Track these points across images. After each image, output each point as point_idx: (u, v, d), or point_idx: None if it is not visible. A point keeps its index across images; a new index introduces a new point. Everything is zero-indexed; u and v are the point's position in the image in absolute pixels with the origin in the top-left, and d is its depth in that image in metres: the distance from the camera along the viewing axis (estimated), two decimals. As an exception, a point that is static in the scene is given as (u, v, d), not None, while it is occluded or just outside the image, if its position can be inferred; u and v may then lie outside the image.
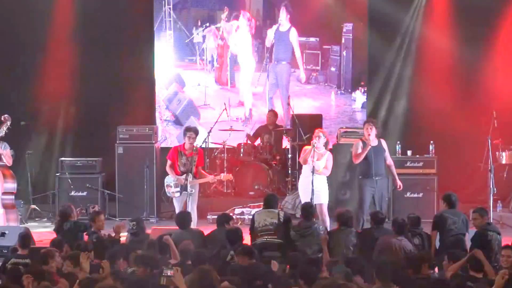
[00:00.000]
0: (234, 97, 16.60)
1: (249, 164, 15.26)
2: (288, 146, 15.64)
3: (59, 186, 14.86)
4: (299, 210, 12.38)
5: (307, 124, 15.10)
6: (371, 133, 12.29)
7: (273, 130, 15.67)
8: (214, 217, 13.54)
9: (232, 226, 10.59)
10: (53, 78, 15.90)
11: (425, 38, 16.04)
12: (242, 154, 15.38)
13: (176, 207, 12.45)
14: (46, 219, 14.75)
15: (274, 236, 10.55)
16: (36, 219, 14.84)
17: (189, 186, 12.36)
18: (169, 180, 12.52)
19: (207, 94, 16.64)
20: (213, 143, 15.53)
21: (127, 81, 16.11)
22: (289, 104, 15.79)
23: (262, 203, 11.74)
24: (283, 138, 15.84)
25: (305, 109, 16.33)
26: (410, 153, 14.75)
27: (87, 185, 14.84)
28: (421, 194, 14.48)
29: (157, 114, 16.56)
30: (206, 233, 10.67)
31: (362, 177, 12.44)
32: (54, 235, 10.78)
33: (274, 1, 16.55)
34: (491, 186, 13.22)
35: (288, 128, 15.70)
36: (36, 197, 15.14)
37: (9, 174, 13.12)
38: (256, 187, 15.13)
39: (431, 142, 14.71)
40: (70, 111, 16.18)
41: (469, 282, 8.16)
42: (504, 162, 14.70)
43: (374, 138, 12.36)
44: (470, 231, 10.62)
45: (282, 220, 10.67)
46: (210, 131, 15.40)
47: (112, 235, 10.51)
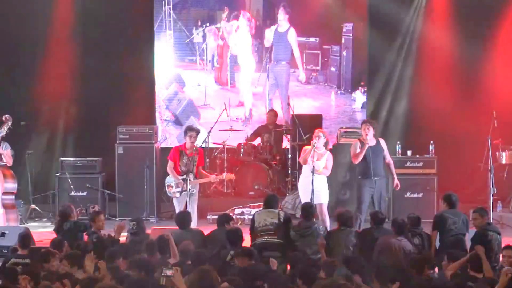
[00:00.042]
0: (234, 97, 16.59)
1: (249, 164, 15.26)
2: (288, 146, 15.64)
3: (59, 186, 14.86)
4: (299, 210, 12.38)
5: (307, 124, 15.09)
6: (369, 133, 12.33)
7: (273, 130, 15.67)
8: (214, 217, 13.55)
9: (232, 226, 10.58)
10: (53, 78, 15.90)
11: (425, 38, 16.03)
12: (242, 154, 15.38)
13: (176, 207, 12.44)
14: (46, 219, 14.75)
15: (274, 236, 10.54)
16: (36, 219, 14.84)
17: (190, 186, 12.37)
18: (170, 180, 12.51)
19: (207, 94, 16.63)
20: (213, 143, 15.53)
21: (127, 81, 16.11)
22: (289, 104, 15.79)
23: (262, 203, 11.74)
24: (283, 138, 15.84)
25: (305, 109, 16.32)
26: (410, 153, 14.75)
27: (87, 185, 14.84)
28: (421, 194, 14.48)
29: (157, 114, 16.55)
30: (206, 233, 10.67)
31: (361, 177, 12.46)
32: (54, 235, 10.77)
33: (274, 1, 16.54)
34: (491, 186, 13.22)
35: (289, 128, 15.70)
36: (36, 197, 15.14)
37: (9, 174, 13.13)
38: (256, 187, 15.13)
39: (431, 142, 14.70)
40: (70, 111, 16.17)
41: (469, 282, 8.16)
42: (504, 162, 14.69)
43: (372, 138, 12.39)
44: (470, 231, 10.61)
45: (282, 220, 10.66)
46: (210, 131, 15.40)
47: (112, 235, 10.51)
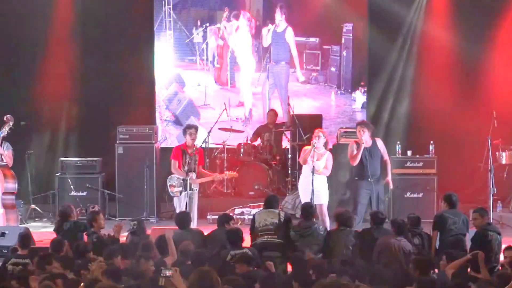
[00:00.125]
0: (234, 97, 16.59)
1: (249, 164, 15.25)
2: (288, 146, 15.64)
3: (59, 186, 14.84)
4: (299, 210, 12.37)
5: (307, 124, 15.09)
6: (364, 135, 12.34)
7: (273, 130, 15.66)
8: (214, 217, 13.56)
9: (232, 226, 10.58)
10: (53, 78, 15.89)
11: (425, 38, 16.02)
12: (242, 154, 15.37)
13: (176, 207, 12.44)
14: (46, 219, 14.74)
15: (274, 236, 10.53)
16: (36, 219, 14.84)
17: (193, 185, 12.41)
18: (172, 179, 12.52)
19: (207, 94, 16.62)
20: (213, 144, 15.53)
21: (127, 81, 16.10)
22: (289, 104, 15.78)
23: (262, 203, 11.75)
24: (283, 138, 15.84)
25: (305, 109, 16.31)
26: (410, 153, 14.75)
27: (87, 185, 14.83)
28: (421, 194, 14.48)
29: (157, 114, 16.55)
30: (206, 233, 10.67)
31: (358, 178, 12.48)
32: (54, 235, 10.76)
33: (274, 1, 16.52)
34: (491, 186, 13.21)
35: (288, 128, 15.70)
36: (36, 197, 15.13)
37: (10, 174, 13.14)
38: (256, 187, 15.12)
39: (431, 142, 14.70)
40: (70, 111, 16.17)
41: (469, 282, 8.16)
42: (504, 162, 14.68)
43: (368, 139, 12.39)
44: (470, 231, 10.62)
45: (282, 220, 10.66)
46: (210, 131, 15.40)
47: (112, 235, 10.51)
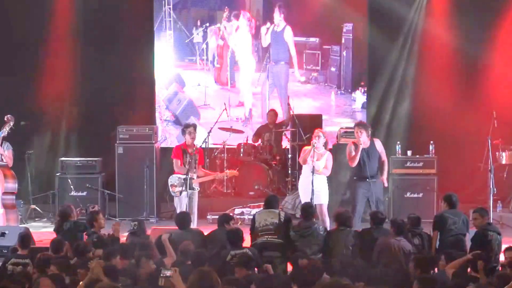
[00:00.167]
0: (234, 97, 16.59)
1: (249, 164, 15.25)
2: (288, 146, 15.64)
3: (59, 186, 14.84)
4: (299, 210, 12.36)
5: (307, 124, 15.08)
6: (361, 136, 12.36)
7: (273, 130, 15.66)
8: (214, 217, 13.57)
9: (232, 226, 10.57)
10: (53, 78, 15.89)
11: (425, 38, 16.02)
12: (242, 154, 15.38)
13: (177, 207, 12.45)
14: (46, 219, 14.74)
15: (274, 236, 10.52)
16: (36, 219, 14.84)
17: (194, 184, 12.45)
18: (173, 179, 12.53)
19: (207, 94, 16.62)
20: (213, 144, 15.53)
21: (127, 81, 16.10)
22: (289, 104, 15.78)
23: (262, 203, 11.75)
24: (283, 138, 15.84)
25: (305, 109, 16.31)
26: (410, 153, 14.74)
27: (87, 185, 14.82)
28: (421, 194, 14.47)
29: (157, 114, 16.55)
30: (206, 233, 10.67)
31: (356, 179, 12.53)
32: (54, 235, 10.76)
33: (274, 1, 16.52)
34: (491, 186, 13.19)
35: (286, 124, 15.71)
36: (36, 197, 15.14)
37: (10, 174, 13.15)
38: (256, 187, 15.12)
39: (431, 142, 14.70)
40: (70, 111, 16.18)
41: (470, 283, 8.16)
42: (504, 162, 14.68)
43: (366, 140, 12.41)
44: (470, 231, 10.62)
45: (283, 220, 10.65)
46: (210, 131, 15.39)
47: (112, 234, 10.51)
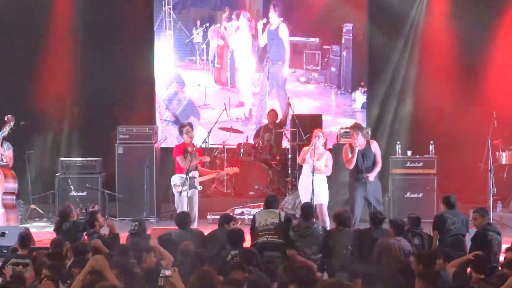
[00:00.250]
0: (234, 97, 16.59)
1: (249, 164, 15.24)
2: (288, 146, 15.64)
3: (59, 186, 14.85)
4: (299, 210, 12.37)
5: (307, 124, 15.07)
6: (358, 138, 12.42)
7: (273, 130, 15.66)
8: (214, 217, 13.60)
9: (233, 226, 10.57)
10: (53, 78, 15.89)
11: (426, 37, 16.01)
12: (242, 154, 15.38)
13: (178, 207, 12.46)
14: (46, 219, 14.75)
15: (274, 236, 10.53)
16: (36, 219, 14.84)
17: (196, 183, 12.53)
18: (176, 179, 12.55)
19: (207, 94, 16.62)
20: (213, 145, 15.52)
21: (127, 81, 16.10)
22: (289, 104, 15.77)
23: (262, 203, 11.76)
24: (283, 138, 15.84)
25: (305, 109, 16.30)
26: (410, 153, 14.75)
27: (87, 185, 14.83)
28: (421, 194, 14.48)
29: (157, 114, 16.55)
30: (206, 233, 10.67)
31: (353, 179, 12.60)
32: (54, 235, 10.77)
33: (273, 1, 16.51)
34: (491, 186, 13.20)
35: (285, 123, 15.73)
36: (36, 197, 15.15)
37: (10, 174, 13.16)
38: (256, 187, 15.12)
39: (431, 142, 14.70)
40: (70, 111, 16.18)
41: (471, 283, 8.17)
42: (504, 162, 14.68)
43: (362, 141, 12.47)
44: (470, 231, 10.62)
45: (283, 220, 10.66)
46: (210, 131, 15.39)
47: (110, 232, 10.51)
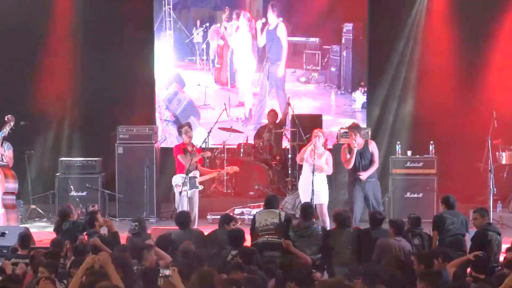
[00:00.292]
0: (234, 97, 16.59)
1: (249, 164, 15.24)
2: (288, 146, 15.64)
3: (59, 186, 14.84)
4: (299, 210, 12.38)
5: (307, 124, 15.07)
6: (356, 138, 12.46)
7: (273, 130, 15.66)
8: (214, 217, 13.60)
9: (233, 227, 10.56)
10: (53, 78, 15.89)
11: (426, 37, 16.01)
12: (242, 154, 15.37)
13: (179, 207, 12.46)
14: (46, 219, 14.75)
15: (275, 236, 10.54)
16: (36, 219, 14.84)
17: (197, 183, 12.56)
18: (177, 179, 12.56)
19: (207, 94, 16.62)
20: (213, 145, 15.52)
21: (127, 81, 16.10)
22: (289, 104, 15.77)
23: (262, 203, 11.76)
24: (283, 138, 15.84)
25: (305, 109, 16.29)
26: (410, 153, 14.75)
27: (87, 185, 14.83)
28: (421, 194, 14.47)
29: (157, 114, 16.54)
30: (206, 233, 10.67)
31: (352, 179, 12.64)
32: (54, 235, 10.77)
33: (273, 1, 16.50)
34: (491, 186, 13.19)
35: (284, 123, 15.74)
36: (36, 197, 15.15)
37: (10, 174, 13.17)
38: (256, 187, 15.12)
39: (431, 142, 14.70)
40: (70, 111, 16.17)
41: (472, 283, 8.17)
42: (504, 162, 14.68)
43: (360, 141, 12.50)
44: (470, 231, 10.62)
45: (283, 220, 10.67)
46: (210, 131, 15.39)
47: (109, 231, 10.51)
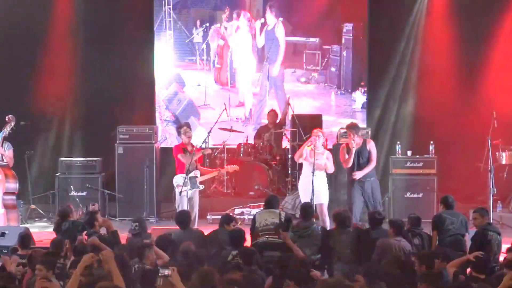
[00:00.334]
0: (234, 97, 16.59)
1: (249, 164, 15.24)
2: (288, 146, 15.64)
3: (59, 186, 14.85)
4: (299, 210, 12.38)
5: (307, 124, 15.06)
6: (354, 138, 12.49)
7: (273, 130, 15.66)
8: (214, 217, 13.61)
9: (233, 227, 10.56)
10: (53, 78, 15.89)
11: (426, 37, 16.01)
12: (242, 154, 15.37)
13: (179, 207, 12.46)
14: (46, 219, 14.75)
15: (275, 236, 10.55)
16: (36, 219, 14.84)
17: (198, 182, 12.60)
18: (178, 179, 12.57)
19: (207, 94, 16.62)
20: (213, 145, 15.52)
21: (127, 81, 16.10)
22: (289, 104, 15.77)
23: (262, 203, 11.76)
24: (283, 138, 15.84)
25: (305, 109, 16.29)
26: (410, 153, 14.75)
27: (87, 185, 14.83)
28: (421, 194, 14.48)
29: (157, 114, 16.54)
30: (206, 233, 10.67)
31: (352, 178, 12.66)
32: (54, 235, 10.77)
33: (273, 1, 16.50)
34: (491, 186, 13.19)
35: (283, 123, 15.74)
36: (36, 197, 15.16)
37: (11, 174, 13.17)
38: (256, 187, 15.12)
39: (431, 142, 14.70)
40: (70, 111, 16.18)
41: (472, 283, 8.16)
42: (504, 162, 14.68)
43: (359, 141, 12.54)
44: (470, 231, 10.63)
45: (283, 220, 10.68)
46: (210, 131, 15.38)
47: (108, 230, 10.51)
